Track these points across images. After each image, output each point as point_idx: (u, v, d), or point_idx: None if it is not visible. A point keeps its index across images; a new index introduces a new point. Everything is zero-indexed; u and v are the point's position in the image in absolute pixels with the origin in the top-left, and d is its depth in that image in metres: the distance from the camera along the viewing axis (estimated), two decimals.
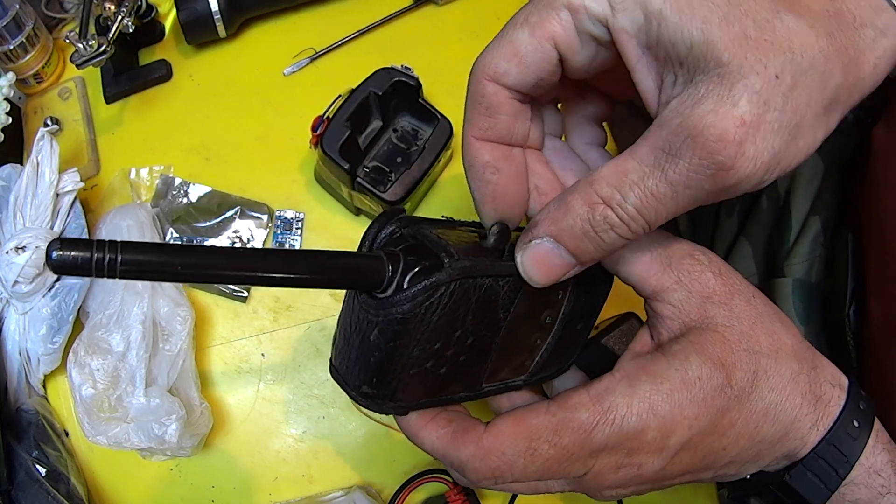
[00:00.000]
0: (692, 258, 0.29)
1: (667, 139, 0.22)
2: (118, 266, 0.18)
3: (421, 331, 0.24)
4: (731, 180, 0.22)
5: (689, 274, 0.29)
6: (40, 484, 0.43)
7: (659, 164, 0.23)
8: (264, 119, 0.55)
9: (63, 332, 0.45)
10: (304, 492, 0.49)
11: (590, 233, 0.25)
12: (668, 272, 0.29)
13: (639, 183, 0.23)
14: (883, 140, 0.42)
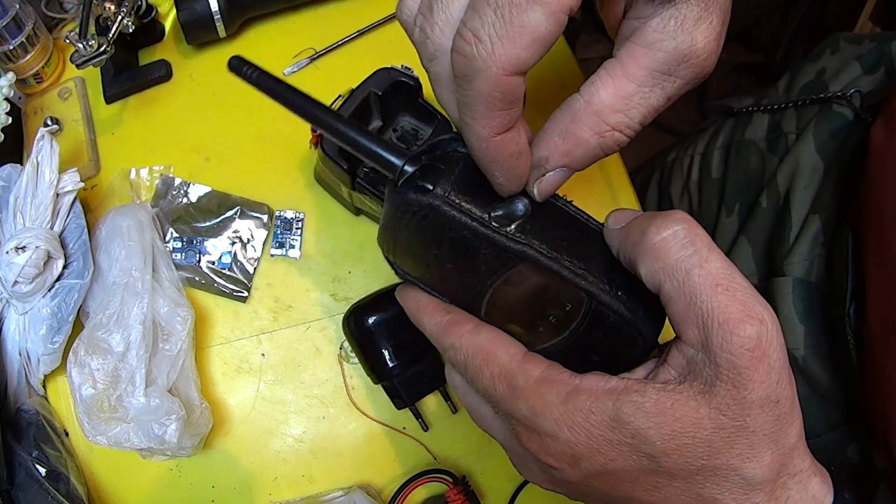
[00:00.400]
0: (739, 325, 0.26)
1: (664, 62, 0.25)
2: (254, 77, 0.30)
3: (402, 226, 0.29)
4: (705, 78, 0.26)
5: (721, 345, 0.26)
6: (40, 484, 0.43)
7: (659, 84, 0.25)
8: (264, 119, 0.55)
9: (63, 332, 0.45)
10: (304, 492, 0.49)
11: (599, 155, 0.27)
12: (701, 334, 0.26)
13: (643, 103, 0.25)
14: (881, 139, 0.42)
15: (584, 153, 0.27)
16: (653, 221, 0.26)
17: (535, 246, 0.28)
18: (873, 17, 1.19)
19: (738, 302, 0.24)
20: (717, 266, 0.25)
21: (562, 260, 0.28)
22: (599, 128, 0.26)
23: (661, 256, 0.26)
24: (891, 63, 0.49)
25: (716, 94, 1.54)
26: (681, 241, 0.25)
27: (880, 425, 0.40)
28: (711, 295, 0.24)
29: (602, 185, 0.54)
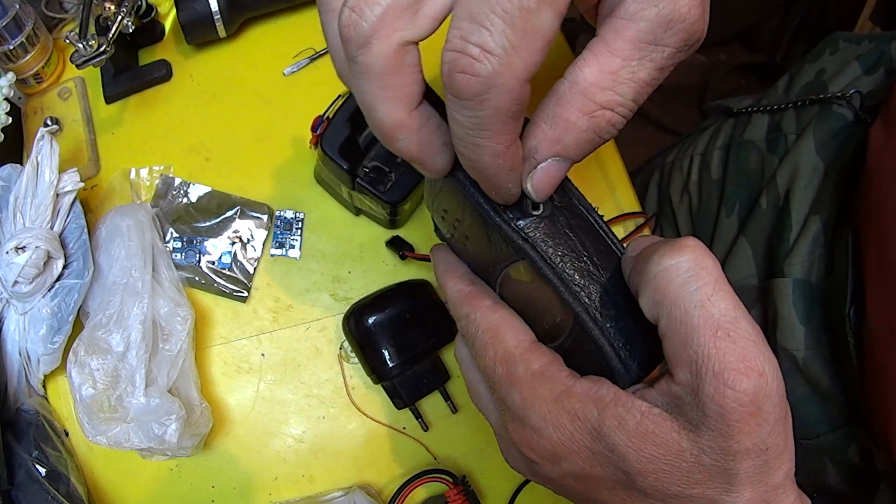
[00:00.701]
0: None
1: (649, 31, 0.23)
2: None
3: (435, 186, 0.29)
4: (697, 46, 0.24)
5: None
6: (40, 484, 0.43)
7: (647, 55, 0.23)
8: (264, 119, 0.55)
9: (63, 332, 0.45)
10: (304, 492, 0.49)
11: (594, 139, 0.25)
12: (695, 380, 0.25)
13: (632, 77, 0.23)
14: (879, 139, 0.42)
15: (576, 138, 0.24)
16: (659, 249, 0.25)
17: (537, 247, 0.27)
18: (873, 17, 1.19)
19: (739, 350, 0.23)
20: (722, 308, 0.23)
21: (561, 271, 0.27)
22: (588, 107, 0.23)
23: (660, 289, 0.24)
24: (890, 63, 0.49)
25: (716, 95, 1.54)
26: (684, 275, 0.24)
27: (881, 425, 0.40)
28: (710, 340, 0.23)
29: (602, 186, 0.54)
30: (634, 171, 0.78)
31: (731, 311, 0.24)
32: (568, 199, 0.28)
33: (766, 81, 1.55)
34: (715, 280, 0.24)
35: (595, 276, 0.27)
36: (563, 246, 0.27)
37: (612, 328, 0.27)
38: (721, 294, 0.24)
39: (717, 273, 0.24)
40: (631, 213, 0.54)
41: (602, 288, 0.27)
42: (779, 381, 0.24)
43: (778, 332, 0.48)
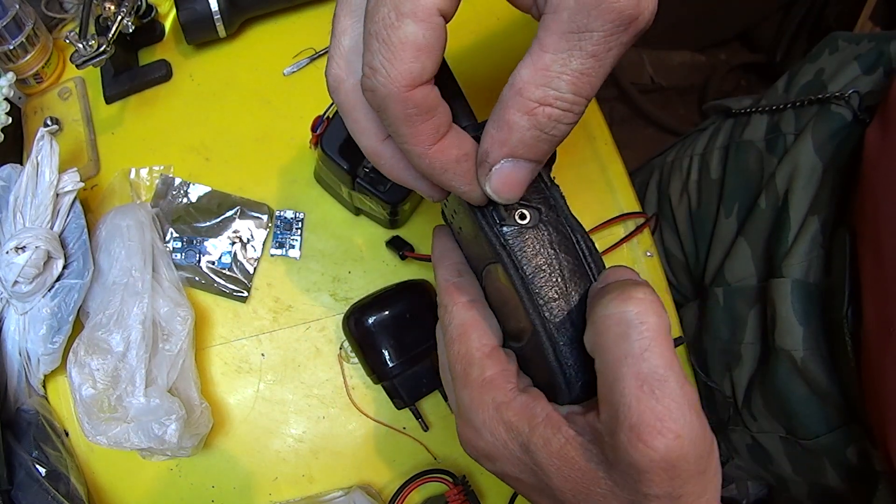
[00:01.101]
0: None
1: (571, 19, 0.23)
2: None
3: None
4: (641, 25, 0.23)
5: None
6: (40, 484, 0.43)
7: (574, 44, 0.23)
8: (264, 119, 0.55)
9: (63, 332, 0.45)
10: (304, 492, 0.49)
11: (541, 136, 0.25)
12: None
13: (564, 70, 0.23)
14: (876, 140, 0.42)
15: (520, 138, 0.25)
16: (611, 291, 0.25)
17: (513, 255, 0.28)
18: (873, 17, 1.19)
19: (660, 409, 0.23)
20: (653, 364, 0.24)
21: (529, 282, 0.27)
22: (525, 106, 0.24)
23: (599, 332, 0.25)
24: (889, 63, 0.49)
25: (716, 95, 1.54)
26: (623, 326, 0.24)
27: (878, 426, 0.40)
28: (633, 392, 0.24)
29: (602, 186, 0.54)
30: (634, 172, 0.78)
31: (661, 369, 0.24)
32: (556, 215, 0.28)
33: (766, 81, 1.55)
34: (653, 337, 0.24)
35: (563, 294, 0.28)
36: (540, 259, 0.28)
37: (564, 347, 0.27)
38: (656, 351, 0.24)
39: (657, 329, 0.24)
40: (631, 213, 0.54)
41: (567, 307, 0.28)
42: (700, 442, 0.24)
43: (776, 333, 0.48)
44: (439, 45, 0.24)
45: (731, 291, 0.55)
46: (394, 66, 0.23)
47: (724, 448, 0.62)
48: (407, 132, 0.25)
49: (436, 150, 0.25)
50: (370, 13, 0.24)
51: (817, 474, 0.51)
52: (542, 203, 0.28)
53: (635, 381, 0.24)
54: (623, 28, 0.23)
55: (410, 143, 0.25)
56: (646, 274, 0.53)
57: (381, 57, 0.23)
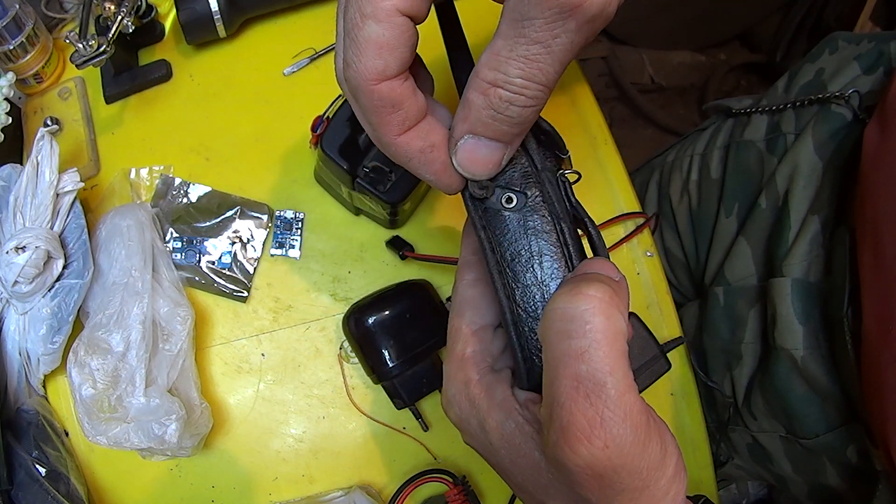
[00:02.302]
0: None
1: (515, 8, 0.23)
2: None
3: None
4: (590, 12, 0.23)
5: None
6: (40, 484, 0.43)
7: (519, 31, 0.24)
8: (264, 119, 0.55)
9: (63, 332, 0.45)
10: (304, 492, 0.49)
11: (496, 115, 0.26)
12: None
13: (511, 55, 0.24)
14: (874, 139, 0.42)
15: (477, 116, 0.26)
16: (567, 284, 0.26)
17: (491, 236, 0.28)
18: (873, 17, 1.19)
19: (591, 415, 0.23)
20: (593, 367, 0.23)
21: (504, 265, 0.28)
22: (480, 87, 0.25)
23: (546, 326, 0.25)
24: (889, 63, 0.49)
25: (716, 95, 1.54)
26: (567, 323, 0.24)
27: (878, 425, 0.40)
28: (568, 395, 0.23)
29: (602, 186, 0.54)
30: (634, 171, 0.78)
31: (600, 374, 0.23)
32: (542, 201, 0.28)
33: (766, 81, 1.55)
34: (598, 339, 0.23)
35: (537, 282, 0.28)
36: (519, 244, 0.28)
37: (530, 333, 0.28)
38: (598, 353, 0.23)
39: (604, 331, 0.24)
40: (631, 213, 0.54)
41: (539, 296, 0.28)
42: (637, 456, 0.23)
43: (776, 332, 0.48)
44: (402, 43, 0.25)
45: (731, 291, 0.55)
46: (360, 62, 0.25)
47: (725, 448, 0.62)
48: (374, 121, 0.27)
49: (401, 140, 0.27)
50: (342, 11, 0.25)
51: (817, 474, 0.51)
52: (530, 188, 0.28)
53: (571, 381, 0.23)
54: (565, 15, 0.23)
55: (379, 131, 0.27)
56: (646, 274, 0.53)
57: (351, 52, 0.25)
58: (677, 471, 0.25)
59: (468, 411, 0.30)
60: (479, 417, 0.29)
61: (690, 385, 0.52)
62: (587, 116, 0.55)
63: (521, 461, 0.27)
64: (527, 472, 0.27)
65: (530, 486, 0.27)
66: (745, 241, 0.54)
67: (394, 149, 0.27)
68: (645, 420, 0.24)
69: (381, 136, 0.27)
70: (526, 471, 0.27)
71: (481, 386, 0.29)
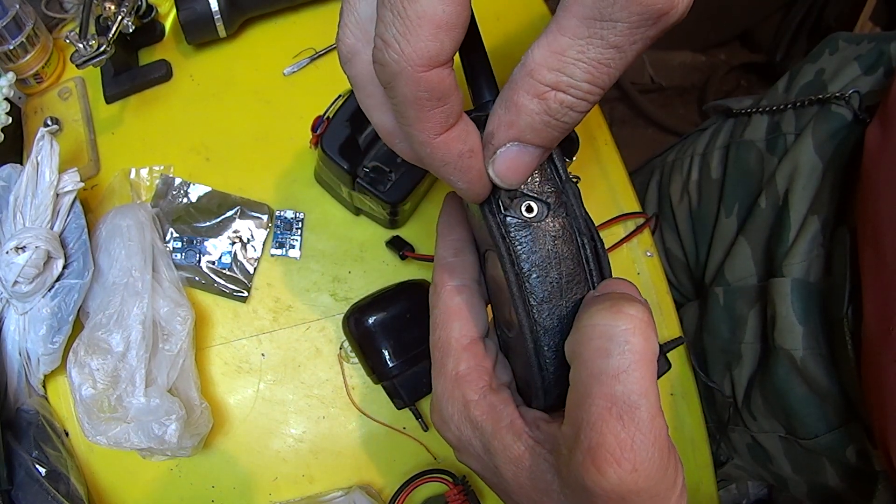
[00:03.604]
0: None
1: (596, 5, 0.21)
2: None
3: None
4: (672, 20, 0.21)
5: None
6: (40, 484, 0.43)
7: (595, 32, 0.21)
8: (264, 119, 0.55)
9: (63, 332, 0.45)
10: (304, 492, 0.49)
11: (551, 122, 0.23)
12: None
13: (581, 58, 0.21)
14: (876, 139, 0.42)
15: (529, 122, 0.23)
16: (603, 302, 0.24)
17: (512, 248, 0.26)
18: (873, 17, 1.19)
19: (623, 436, 0.22)
20: (629, 389, 0.23)
21: (524, 279, 0.26)
22: (536, 90, 0.22)
23: (581, 342, 0.24)
24: (889, 63, 0.49)
25: (716, 95, 1.54)
26: (606, 341, 0.23)
27: (878, 426, 0.40)
28: (601, 412, 0.23)
29: (602, 186, 0.54)
30: (634, 172, 0.78)
31: (635, 395, 0.23)
32: (565, 212, 0.27)
33: (766, 81, 1.55)
34: (636, 360, 0.23)
35: (556, 297, 0.26)
36: (538, 256, 0.26)
37: (549, 352, 0.26)
38: (634, 375, 0.23)
39: (642, 353, 0.23)
40: (631, 213, 0.54)
41: (559, 312, 0.26)
42: (658, 481, 0.23)
43: (776, 332, 0.48)
44: (461, 23, 0.21)
45: (731, 291, 0.55)
46: (409, 43, 0.21)
47: (725, 448, 0.62)
48: (414, 116, 0.23)
49: (441, 140, 0.24)
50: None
51: (817, 474, 0.51)
52: (552, 197, 0.26)
53: (605, 401, 0.23)
54: (651, 22, 0.21)
55: (415, 128, 0.23)
56: (646, 274, 0.53)
57: (395, 30, 0.21)
58: (683, 487, 0.25)
59: (469, 433, 0.28)
60: (483, 440, 0.28)
61: (690, 385, 0.52)
62: (587, 116, 0.55)
63: (530, 484, 0.26)
64: (535, 495, 0.26)
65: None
66: (745, 241, 0.54)
67: (430, 150, 0.24)
68: (668, 444, 0.24)
69: (419, 133, 0.23)
70: (534, 494, 0.26)
71: (483, 407, 0.28)
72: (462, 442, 0.29)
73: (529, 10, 0.57)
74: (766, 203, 0.53)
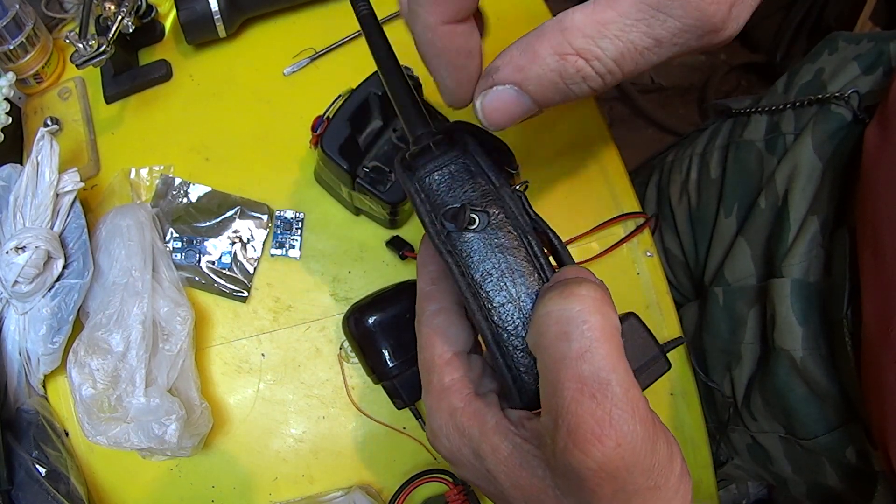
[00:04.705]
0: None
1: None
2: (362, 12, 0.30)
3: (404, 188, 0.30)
4: (718, 39, 0.22)
5: None
6: (40, 484, 0.43)
7: (645, 19, 0.22)
8: (264, 119, 0.55)
9: (63, 332, 0.45)
10: (304, 492, 0.49)
11: (559, 84, 0.23)
12: None
13: (620, 35, 0.22)
14: (875, 140, 0.42)
15: (539, 74, 0.23)
16: (554, 289, 0.24)
17: (458, 260, 0.27)
18: (873, 17, 1.19)
19: (600, 414, 0.22)
20: (596, 367, 0.22)
21: (476, 287, 0.27)
22: (562, 48, 0.22)
23: (539, 332, 0.24)
24: (889, 63, 0.49)
25: (716, 95, 1.54)
26: (563, 325, 0.23)
27: (878, 427, 0.40)
28: (573, 395, 0.22)
29: (602, 186, 0.54)
30: (634, 171, 0.78)
31: (603, 371, 0.22)
32: (505, 217, 0.28)
33: (766, 81, 1.55)
34: (597, 336, 0.23)
35: (512, 299, 0.27)
36: (487, 264, 0.27)
37: (516, 351, 0.27)
38: (598, 352, 0.23)
39: (602, 329, 0.23)
40: (630, 213, 0.54)
41: (518, 312, 0.27)
42: (648, 453, 0.22)
43: (776, 333, 0.48)
44: None
45: (730, 291, 0.55)
46: None
47: (725, 448, 0.62)
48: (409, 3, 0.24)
49: (446, 29, 0.24)
50: None
51: (817, 474, 0.51)
52: (491, 206, 0.28)
53: (575, 383, 0.22)
54: (700, 32, 0.21)
55: (425, 10, 0.24)
56: (646, 274, 0.53)
57: None
58: (684, 470, 0.24)
59: (458, 442, 0.28)
60: (471, 446, 0.27)
61: (690, 385, 0.52)
62: (587, 116, 0.55)
63: (524, 482, 0.25)
64: (531, 493, 0.25)
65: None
66: (745, 242, 0.54)
67: (431, 35, 0.24)
68: (651, 417, 0.23)
69: (426, 16, 0.24)
70: (530, 493, 0.25)
71: (469, 413, 0.28)
72: (454, 453, 0.28)
73: (529, 10, 0.57)
74: (766, 203, 0.53)
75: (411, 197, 0.29)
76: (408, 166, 0.29)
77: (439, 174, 0.28)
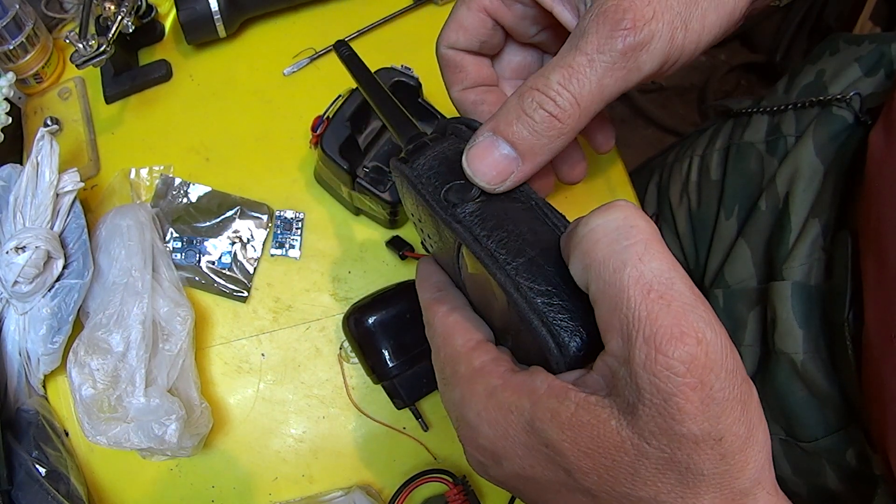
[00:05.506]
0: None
1: (578, 26, 0.28)
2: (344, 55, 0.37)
3: (403, 194, 0.32)
4: (639, 37, 0.26)
5: None
6: (40, 484, 0.43)
7: (573, 43, 0.27)
8: (264, 119, 0.55)
9: (63, 332, 0.45)
10: (304, 492, 0.49)
11: (521, 117, 0.28)
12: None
13: (558, 63, 0.27)
14: (879, 144, 0.42)
15: (505, 113, 0.28)
16: (589, 215, 0.23)
17: (471, 229, 0.27)
18: (873, 18, 1.19)
19: (673, 314, 0.20)
20: (655, 266, 0.21)
21: (492, 249, 0.26)
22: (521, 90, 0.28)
23: (588, 251, 0.22)
24: (890, 65, 0.49)
25: (716, 95, 1.54)
26: (612, 234, 0.22)
27: (878, 430, 0.40)
28: (641, 301, 0.21)
29: (602, 186, 0.54)
30: (634, 172, 0.78)
31: (665, 271, 0.21)
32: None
33: (766, 82, 1.55)
34: (647, 239, 0.22)
35: (529, 254, 0.26)
36: (497, 226, 0.27)
37: (545, 304, 0.25)
38: (654, 254, 0.22)
39: (650, 232, 0.22)
40: None
41: (537, 266, 0.25)
42: (727, 353, 0.21)
43: (776, 335, 0.48)
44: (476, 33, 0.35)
45: (730, 293, 0.55)
46: (445, 29, 0.36)
47: None
48: (443, 74, 0.38)
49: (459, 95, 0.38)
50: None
51: (817, 476, 0.51)
52: None
53: (640, 288, 0.21)
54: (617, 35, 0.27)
55: (446, 82, 0.38)
56: None
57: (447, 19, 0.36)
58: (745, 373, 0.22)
59: (504, 423, 0.25)
60: (523, 419, 0.24)
61: None
62: None
63: (595, 444, 0.22)
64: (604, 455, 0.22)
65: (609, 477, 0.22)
66: (745, 244, 0.54)
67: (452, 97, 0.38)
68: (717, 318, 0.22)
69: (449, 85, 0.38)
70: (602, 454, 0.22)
71: (512, 387, 0.25)
72: (498, 439, 0.25)
73: None
74: (767, 205, 0.53)
75: (412, 185, 0.29)
76: (404, 160, 0.30)
77: (435, 159, 0.30)
